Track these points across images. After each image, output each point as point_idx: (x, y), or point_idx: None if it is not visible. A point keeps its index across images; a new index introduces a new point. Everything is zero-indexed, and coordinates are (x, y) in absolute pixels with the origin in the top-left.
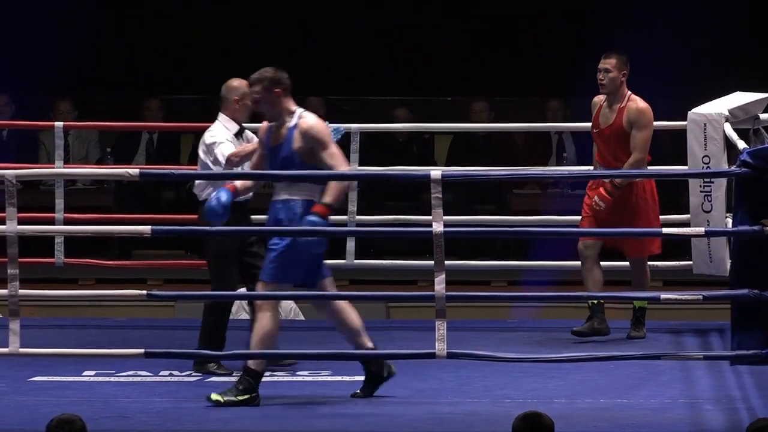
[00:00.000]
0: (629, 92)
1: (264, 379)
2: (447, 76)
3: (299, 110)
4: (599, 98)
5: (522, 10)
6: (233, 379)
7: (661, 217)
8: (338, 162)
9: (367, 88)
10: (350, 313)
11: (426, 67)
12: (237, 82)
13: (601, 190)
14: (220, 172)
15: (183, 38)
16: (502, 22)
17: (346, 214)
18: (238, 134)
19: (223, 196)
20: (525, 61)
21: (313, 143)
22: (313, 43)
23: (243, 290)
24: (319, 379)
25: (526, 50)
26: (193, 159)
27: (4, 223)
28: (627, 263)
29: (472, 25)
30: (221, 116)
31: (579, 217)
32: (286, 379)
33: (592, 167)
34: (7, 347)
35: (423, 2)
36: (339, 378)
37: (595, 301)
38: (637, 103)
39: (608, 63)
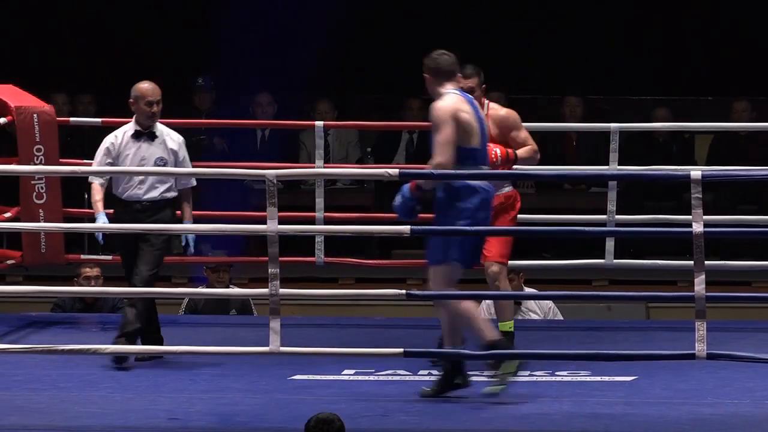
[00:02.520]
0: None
1: (522, 379)
2: (708, 74)
3: None
4: None
5: None
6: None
7: None
8: None
9: (627, 87)
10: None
11: (686, 65)
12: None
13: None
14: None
15: (435, 38)
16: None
17: (605, 214)
18: (137, 135)
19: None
20: None
21: None
22: (574, 43)
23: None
24: (578, 379)
25: None
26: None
27: (265, 223)
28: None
29: (730, 24)
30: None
31: None
32: (545, 379)
33: None
34: (268, 346)
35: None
36: (598, 378)
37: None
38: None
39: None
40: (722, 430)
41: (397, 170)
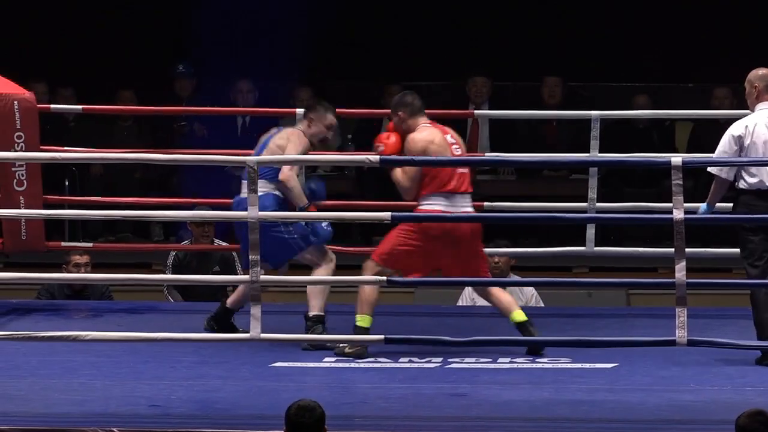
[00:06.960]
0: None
1: (503, 366)
2: (688, 61)
3: None
4: None
5: None
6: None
7: None
8: None
9: (607, 74)
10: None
11: (667, 52)
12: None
13: None
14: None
15: (422, 24)
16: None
17: (586, 201)
18: None
19: None
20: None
21: None
22: (553, 29)
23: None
24: (559, 366)
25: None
26: None
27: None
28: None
29: (711, 11)
30: None
31: None
32: (525, 366)
33: None
34: (249, 333)
35: None
36: (579, 365)
37: None
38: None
39: None
40: (702, 416)
41: (378, 157)
